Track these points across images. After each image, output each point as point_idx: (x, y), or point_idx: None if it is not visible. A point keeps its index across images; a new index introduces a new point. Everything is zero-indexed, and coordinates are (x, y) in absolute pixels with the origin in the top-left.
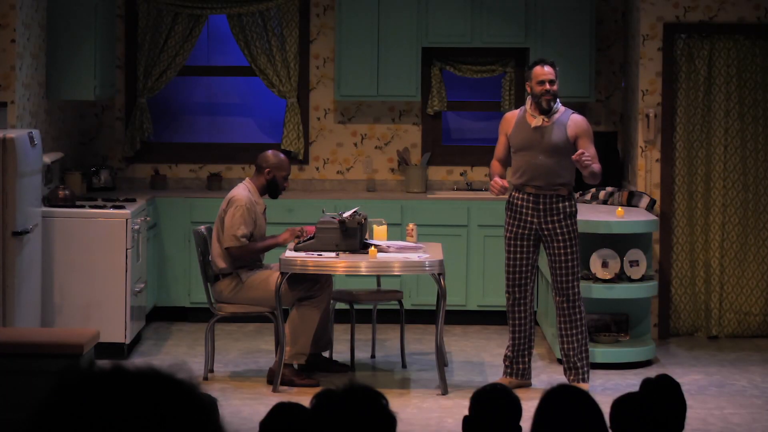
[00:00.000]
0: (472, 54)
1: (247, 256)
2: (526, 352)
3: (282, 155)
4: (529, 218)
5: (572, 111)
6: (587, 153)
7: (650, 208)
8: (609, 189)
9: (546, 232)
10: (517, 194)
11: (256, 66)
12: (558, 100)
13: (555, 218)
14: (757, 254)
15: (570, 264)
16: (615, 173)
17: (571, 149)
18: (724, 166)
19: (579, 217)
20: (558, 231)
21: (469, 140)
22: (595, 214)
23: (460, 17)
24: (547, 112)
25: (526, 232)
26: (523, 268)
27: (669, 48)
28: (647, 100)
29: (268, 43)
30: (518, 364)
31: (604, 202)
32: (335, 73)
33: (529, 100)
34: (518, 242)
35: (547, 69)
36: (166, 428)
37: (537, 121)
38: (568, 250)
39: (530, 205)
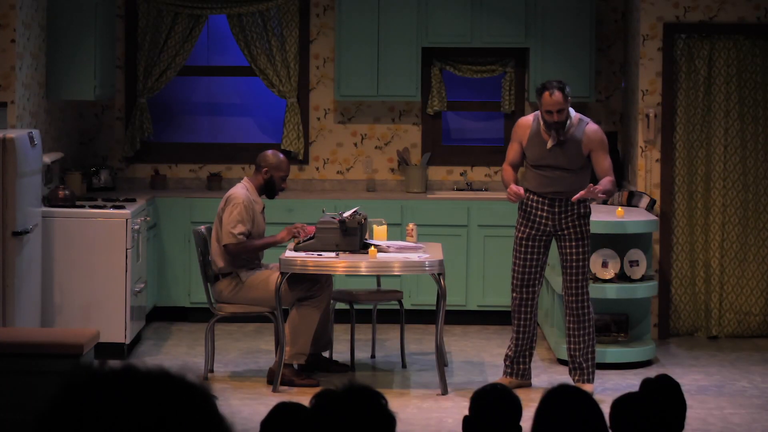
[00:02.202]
0: (472, 54)
1: (245, 254)
2: (527, 353)
3: (282, 156)
4: (543, 220)
5: (587, 121)
6: (598, 187)
7: (650, 208)
8: None
9: (560, 233)
10: (532, 196)
11: (256, 66)
12: (570, 111)
13: (569, 218)
14: (757, 254)
15: (581, 264)
16: (615, 173)
17: (586, 161)
18: (724, 166)
19: None
20: (571, 230)
21: (469, 140)
22: (595, 214)
23: (460, 17)
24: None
25: (539, 233)
26: (532, 269)
27: (669, 48)
28: (647, 100)
29: (268, 43)
30: (519, 364)
31: (604, 202)
32: (335, 73)
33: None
34: (530, 243)
35: (555, 96)
36: (176, 429)
37: (552, 140)
38: (579, 250)
39: (545, 207)
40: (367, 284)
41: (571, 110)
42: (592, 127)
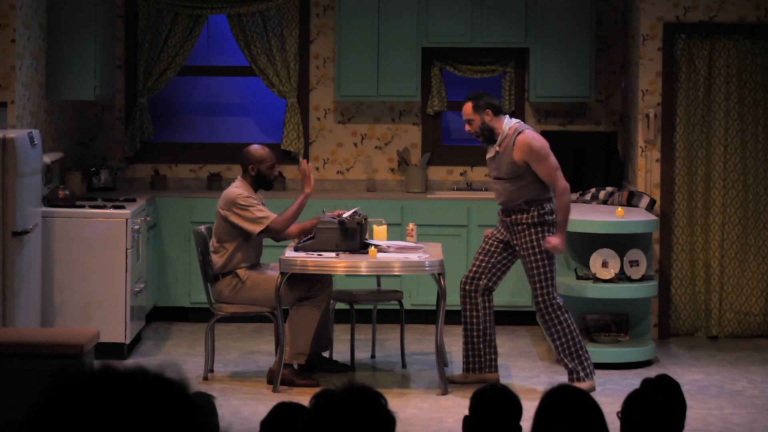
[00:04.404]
0: (472, 54)
1: (286, 225)
2: (482, 347)
3: (264, 148)
4: (502, 229)
5: (521, 131)
6: (552, 239)
7: (650, 208)
8: (609, 189)
9: (513, 242)
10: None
11: (256, 66)
12: (509, 122)
13: (518, 228)
14: (757, 254)
15: (533, 272)
16: (615, 173)
17: (526, 170)
18: (724, 166)
19: (579, 217)
20: (522, 241)
21: (469, 140)
22: (595, 214)
23: (460, 17)
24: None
25: (500, 235)
26: (481, 264)
27: (669, 48)
28: (647, 100)
29: (268, 43)
30: (476, 357)
31: (604, 202)
32: (335, 73)
33: None
34: (489, 240)
35: (464, 107)
36: (156, 427)
37: (491, 152)
38: (530, 259)
39: (502, 217)
40: (367, 284)
41: (511, 121)
42: (521, 137)
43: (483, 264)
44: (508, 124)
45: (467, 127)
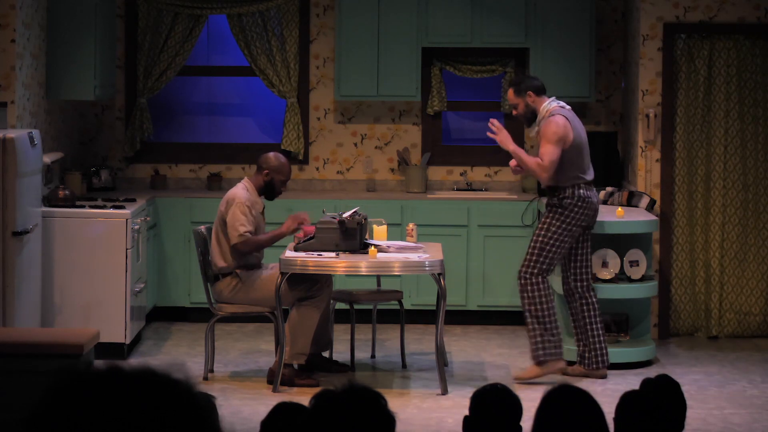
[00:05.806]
0: (472, 54)
1: (253, 250)
2: (580, 339)
3: (284, 159)
4: None
5: (554, 113)
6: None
7: (650, 208)
8: (609, 189)
9: None
10: None
11: (256, 66)
12: (549, 103)
13: (546, 206)
14: (757, 254)
15: (530, 243)
16: (615, 173)
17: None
18: (724, 166)
19: None
20: (542, 219)
21: (469, 140)
22: None
23: (460, 17)
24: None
25: None
26: (564, 262)
27: (669, 48)
28: (647, 100)
29: (268, 43)
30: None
31: (604, 202)
32: (335, 73)
33: None
34: None
35: (508, 94)
36: (163, 428)
37: (532, 131)
38: (535, 232)
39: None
40: (367, 284)
41: (552, 103)
42: (548, 119)
43: (564, 263)
44: (547, 106)
45: (514, 112)
